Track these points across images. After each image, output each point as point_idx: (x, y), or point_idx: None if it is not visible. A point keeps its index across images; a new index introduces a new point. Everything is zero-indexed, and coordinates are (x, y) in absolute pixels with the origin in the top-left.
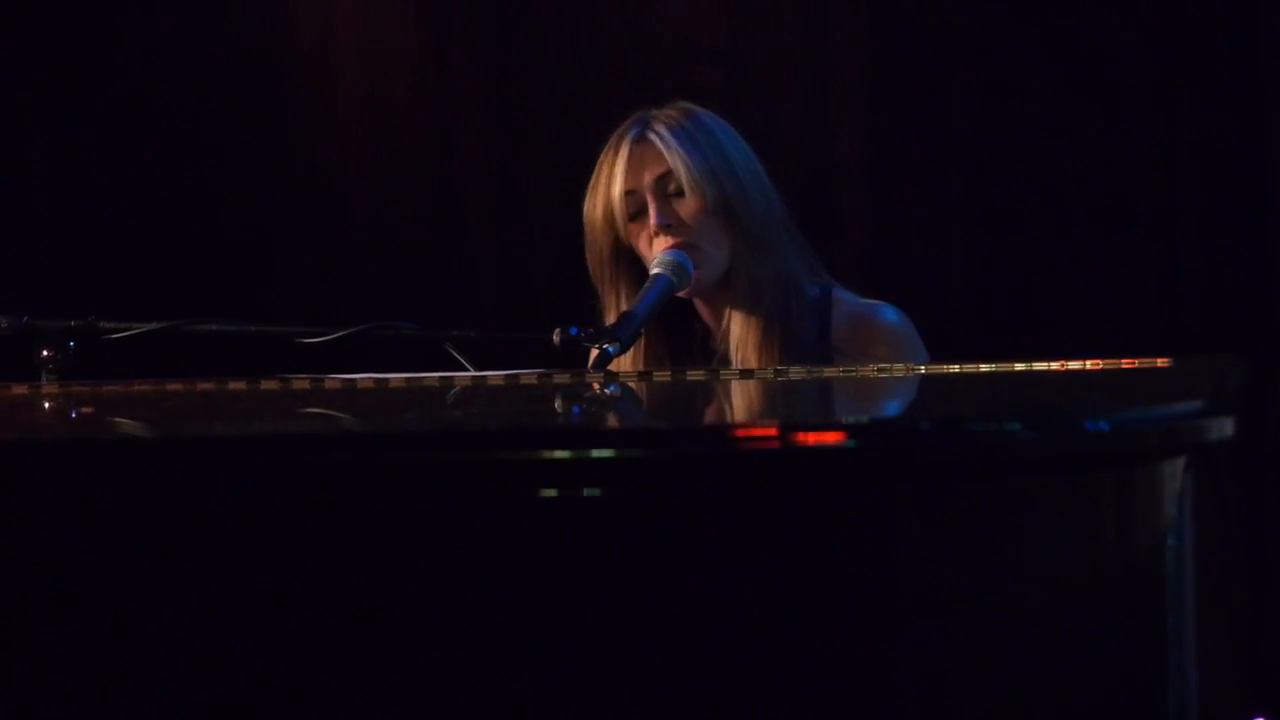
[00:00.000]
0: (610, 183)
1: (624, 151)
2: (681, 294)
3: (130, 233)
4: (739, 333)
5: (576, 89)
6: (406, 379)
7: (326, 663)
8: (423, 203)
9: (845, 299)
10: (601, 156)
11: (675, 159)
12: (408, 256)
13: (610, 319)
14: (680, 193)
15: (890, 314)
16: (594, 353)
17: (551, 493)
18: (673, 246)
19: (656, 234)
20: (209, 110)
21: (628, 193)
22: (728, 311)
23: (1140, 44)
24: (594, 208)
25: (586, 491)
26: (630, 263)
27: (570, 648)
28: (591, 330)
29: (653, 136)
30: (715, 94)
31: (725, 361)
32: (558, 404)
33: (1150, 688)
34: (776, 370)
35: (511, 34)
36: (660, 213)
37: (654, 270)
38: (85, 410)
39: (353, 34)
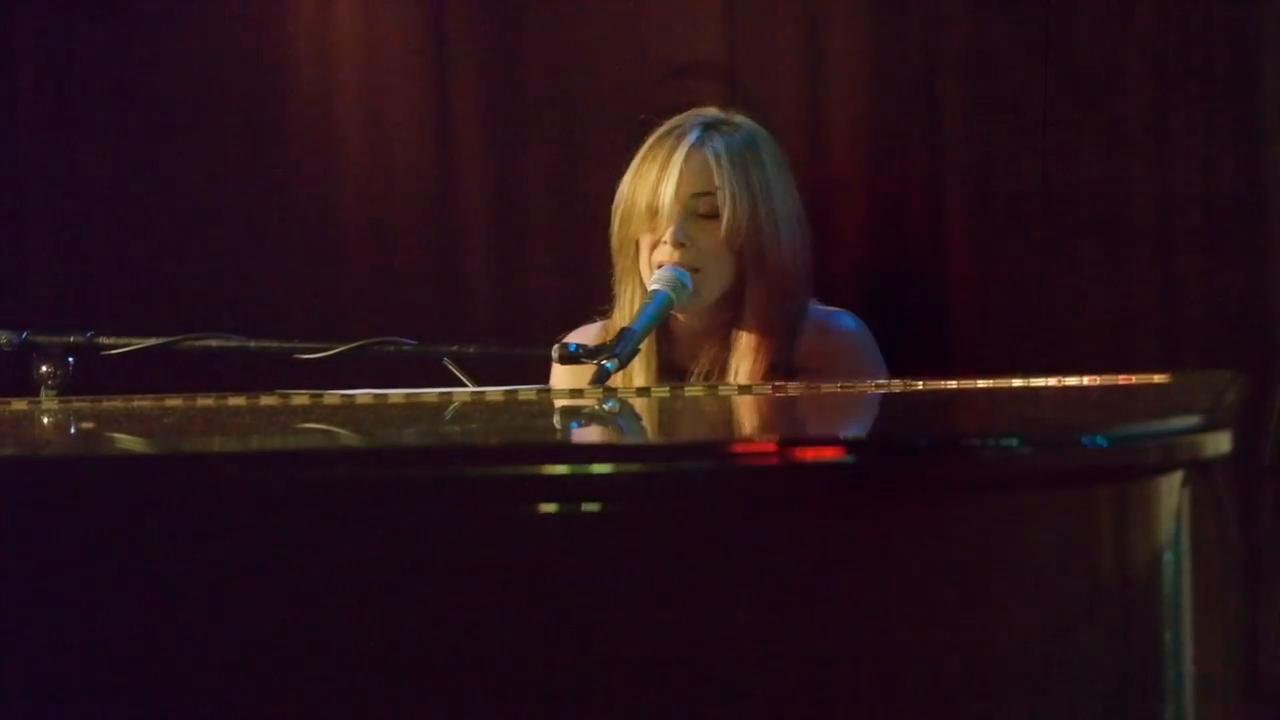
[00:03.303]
0: (662, 177)
1: (680, 153)
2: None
3: (129, 249)
4: (739, 368)
5: (575, 103)
6: (406, 394)
7: (326, 675)
8: (422, 218)
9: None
10: (656, 140)
11: (723, 184)
12: (407, 272)
13: (623, 301)
14: (711, 215)
15: (847, 321)
16: (556, 369)
17: (551, 508)
18: (674, 265)
19: (665, 243)
20: (207, 125)
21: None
22: (727, 343)
23: (1138, 59)
24: (636, 192)
25: (585, 507)
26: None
27: (570, 661)
28: (589, 346)
29: (709, 151)
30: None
31: (699, 381)
32: (557, 419)
33: (1148, 701)
34: (775, 386)
35: (509, 48)
36: (680, 229)
37: (653, 286)
38: (85, 426)
39: (350, 49)
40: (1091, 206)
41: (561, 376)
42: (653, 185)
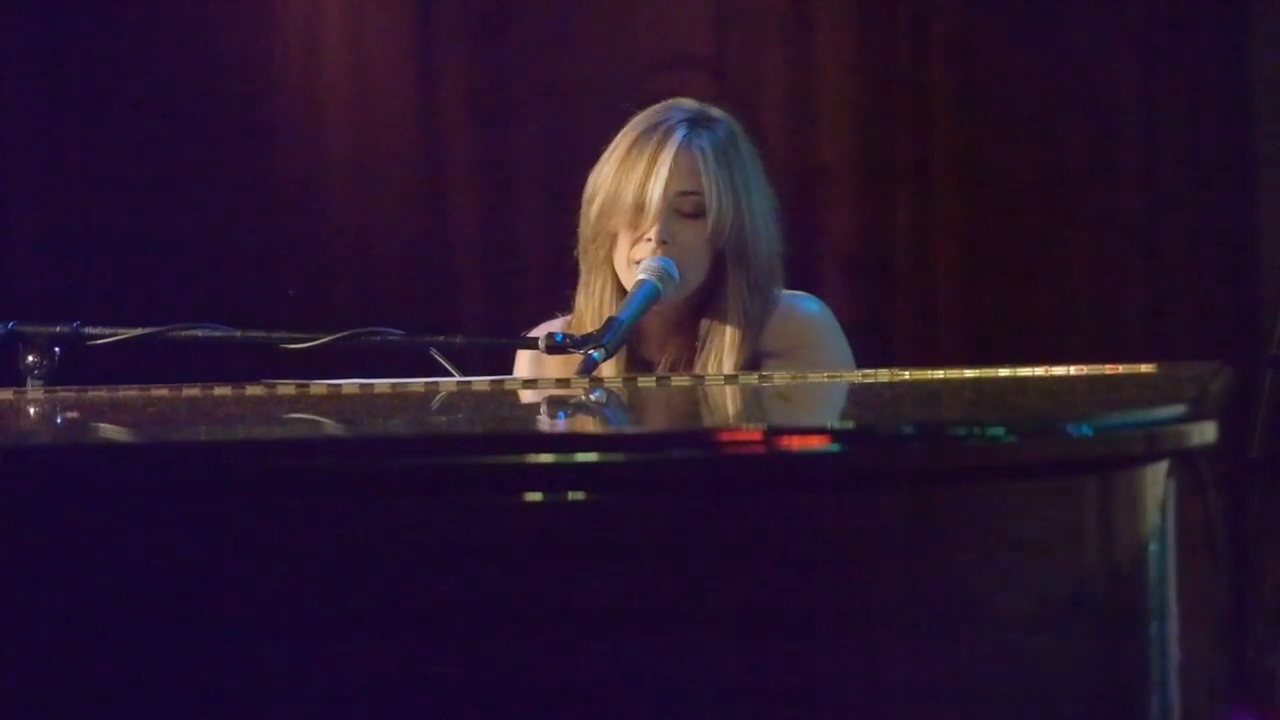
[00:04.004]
0: (651, 174)
1: (669, 151)
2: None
3: (116, 239)
4: (721, 357)
5: (563, 96)
6: (392, 384)
7: (312, 665)
8: (409, 208)
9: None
10: (641, 135)
11: (711, 185)
12: (394, 262)
13: (592, 291)
14: (695, 215)
15: (810, 304)
16: (520, 358)
17: (536, 497)
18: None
19: (648, 240)
20: (195, 116)
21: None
22: (702, 334)
23: (1128, 54)
24: (621, 186)
25: (571, 495)
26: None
27: (557, 650)
28: (577, 336)
29: (696, 151)
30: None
31: (659, 370)
32: (543, 409)
33: (1133, 691)
34: (761, 376)
35: (498, 40)
36: (665, 228)
37: (640, 276)
38: (70, 415)
39: (338, 40)
40: (1079, 197)
41: (527, 366)
42: (640, 182)
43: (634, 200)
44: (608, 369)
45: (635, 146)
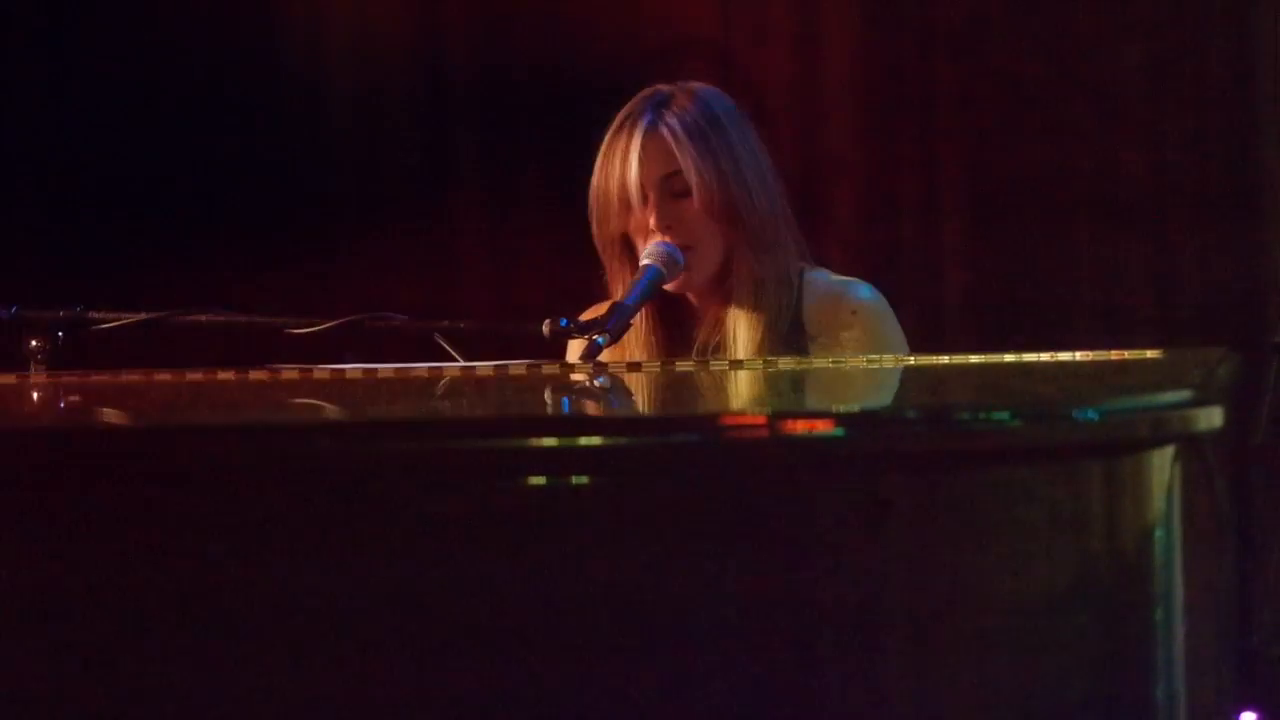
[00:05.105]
0: (626, 168)
1: (637, 139)
2: (670, 287)
3: (119, 223)
4: (736, 329)
5: (568, 80)
6: (396, 370)
7: (316, 651)
8: (413, 193)
9: (816, 279)
10: (613, 134)
11: (686, 160)
12: (398, 247)
13: (617, 293)
14: (686, 193)
15: (863, 290)
16: (572, 344)
17: (540, 481)
18: (666, 242)
19: (654, 230)
20: (198, 100)
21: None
22: (725, 308)
23: (1133, 38)
24: (608, 188)
25: (574, 480)
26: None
27: (558, 635)
28: (581, 321)
29: (665, 131)
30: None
31: (704, 352)
32: (547, 394)
33: (1138, 677)
34: (766, 360)
35: (503, 23)
36: (662, 214)
37: (644, 261)
38: (73, 400)
39: (342, 20)
40: (1085, 186)
41: (576, 353)
42: (620, 180)
43: (620, 199)
44: (638, 354)
45: (610, 147)
